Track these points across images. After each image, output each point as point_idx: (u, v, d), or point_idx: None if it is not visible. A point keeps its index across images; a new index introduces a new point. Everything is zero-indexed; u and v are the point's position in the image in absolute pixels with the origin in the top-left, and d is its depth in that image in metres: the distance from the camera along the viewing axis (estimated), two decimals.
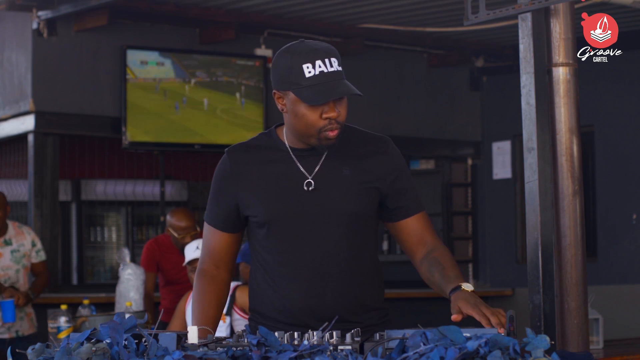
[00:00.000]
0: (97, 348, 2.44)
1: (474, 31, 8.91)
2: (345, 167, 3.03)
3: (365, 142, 3.09)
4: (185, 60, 8.63)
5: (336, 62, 2.92)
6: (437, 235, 3.12)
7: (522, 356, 2.35)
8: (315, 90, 2.88)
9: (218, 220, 3.12)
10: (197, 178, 10.25)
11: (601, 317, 5.83)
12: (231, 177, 3.08)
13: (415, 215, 3.08)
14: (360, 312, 3.03)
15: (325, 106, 2.91)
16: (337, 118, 2.93)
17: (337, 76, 2.91)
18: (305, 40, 2.98)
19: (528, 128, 4.01)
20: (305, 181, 3.01)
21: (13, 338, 6.40)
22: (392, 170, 3.06)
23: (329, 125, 2.92)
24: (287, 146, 3.04)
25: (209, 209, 3.15)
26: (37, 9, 8.08)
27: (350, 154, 3.05)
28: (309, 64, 2.89)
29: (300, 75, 2.89)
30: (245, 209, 3.06)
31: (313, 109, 2.91)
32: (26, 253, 6.54)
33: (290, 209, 3.00)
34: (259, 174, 3.05)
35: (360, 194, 3.02)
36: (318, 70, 2.89)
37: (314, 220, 3.00)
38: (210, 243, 3.14)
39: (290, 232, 3.02)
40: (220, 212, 3.11)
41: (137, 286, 6.44)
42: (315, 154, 3.02)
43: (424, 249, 3.06)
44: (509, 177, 9.87)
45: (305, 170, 3.02)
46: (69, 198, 10.33)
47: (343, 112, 2.95)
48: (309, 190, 3.00)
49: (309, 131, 2.95)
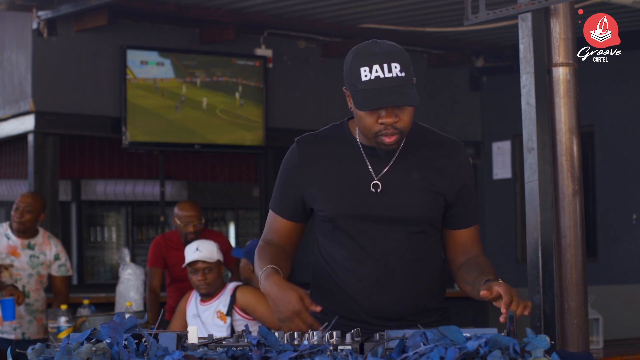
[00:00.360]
0: (97, 348, 2.44)
1: (474, 31, 8.90)
2: (415, 170, 2.99)
3: (439, 145, 3.04)
4: (185, 61, 8.62)
5: (398, 67, 2.84)
6: (480, 245, 3.11)
7: (522, 356, 2.35)
8: (366, 95, 2.84)
9: (283, 209, 3.09)
10: (197, 178, 10.25)
11: (601, 317, 5.83)
12: (299, 169, 3.04)
13: (469, 228, 3.07)
14: (420, 312, 3.02)
15: (381, 111, 2.86)
16: (395, 124, 2.87)
17: (394, 82, 2.83)
18: (378, 41, 2.92)
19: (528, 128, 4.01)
20: (372, 183, 2.98)
21: (19, 340, 6.41)
22: (461, 179, 3.03)
23: (384, 131, 2.88)
24: (358, 142, 3.01)
25: (274, 196, 3.11)
26: (37, 9, 8.08)
27: (422, 156, 3.01)
28: (366, 67, 2.84)
29: (357, 78, 2.86)
30: (311, 201, 3.04)
31: (369, 113, 2.87)
32: (45, 262, 6.57)
33: (356, 210, 2.98)
34: (327, 168, 3.01)
35: (427, 200, 2.99)
36: (374, 75, 2.83)
37: (379, 222, 2.98)
38: (273, 229, 3.11)
39: (355, 231, 2.99)
40: (286, 201, 3.08)
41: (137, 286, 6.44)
42: (387, 154, 2.97)
43: (465, 257, 3.06)
44: (509, 177, 9.87)
45: (374, 170, 2.99)
46: (69, 198, 10.33)
47: (404, 118, 2.89)
48: (376, 192, 2.98)
49: (366, 134, 2.92)
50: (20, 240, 6.55)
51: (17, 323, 6.39)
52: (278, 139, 9.05)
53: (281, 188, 3.09)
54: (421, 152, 3.02)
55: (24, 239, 6.56)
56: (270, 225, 3.11)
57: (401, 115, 2.88)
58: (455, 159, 3.04)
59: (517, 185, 9.73)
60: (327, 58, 9.25)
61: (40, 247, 6.59)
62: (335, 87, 9.28)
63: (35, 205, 6.60)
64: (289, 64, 9.16)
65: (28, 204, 6.58)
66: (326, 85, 9.26)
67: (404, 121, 2.88)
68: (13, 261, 6.48)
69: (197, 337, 2.59)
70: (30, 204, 6.59)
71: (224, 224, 11.22)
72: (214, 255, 5.73)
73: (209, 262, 5.69)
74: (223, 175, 10.31)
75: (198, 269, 5.68)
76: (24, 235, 6.57)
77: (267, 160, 9.26)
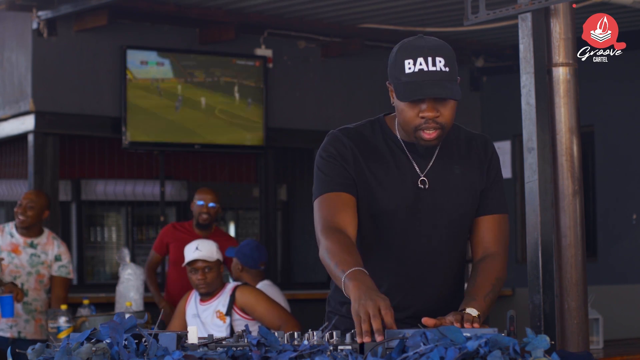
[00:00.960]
0: (97, 348, 2.44)
1: (474, 31, 8.90)
2: (456, 165, 3.00)
3: (471, 140, 3.06)
4: (185, 61, 8.62)
5: (442, 62, 2.84)
6: (501, 241, 3.04)
7: (522, 356, 2.35)
8: (409, 87, 2.84)
9: (345, 185, 2.93)
10: (197, 178, 10.25)
11: (601, 317, 5.83)
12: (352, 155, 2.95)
13: (488, 216, 3.04)
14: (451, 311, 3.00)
15: (422, 104, 2.85)
16: (436, 118, 2.86)
17: (437, 76, 2.83)
18: (424, 36, 2.92)
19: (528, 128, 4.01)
20: (420, 179, 2.97)
21: (15, 338, 6.40)
22: (491, 171, 3.04)
23: (424, 124, 2.86)
24: (399, 138, 3.00)
25: (328, 180, 2.94)
26: (37, 9, 8.08)
27: (459, 152, 3.02)
28: (410, 59, 2.84)
29: (401, 70, 2.86)
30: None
31: (411, 106, 2.86)
32: (46, 262, 6.56)
33: (402, 206, 2.96)
34: (373, 162, 2.97)
35: (469, 195, 3.01)
36: (418, 68, 2.83)
37: (423, 218, 2.97)
38: (339, 209, 2.91)
39: (400, 227, 2.97)
40: (346, 179, 2.94)
41: (137, 286, 6.45)
42: (427, 150, 2.97)
43: (480, 253, 3.03)
44: (509, 177, 9.86)
45: (418, 166, 2.98)
46: (69, 198, 10.33)
47: (446, 113, 2.87)
48: (424, 188, 2.97)
49: (406, 128, 2.91)
50: (23, 239, 6.55)
51: (13, 321, 6.39)
52: (278, 139, 9.05)
53: (336, 170, 2.94)
54: (457, 147, 3.03)
55: (27, 237, 6.56)
56: (334, 207, 2.91)
57: (442, 110, 2.87)
58: (486, 153, 3.05)
59: (517, 185, 9.73)
60: (327, 58, 9.25)
61: (43, 247, 6.59)
62: (335, 87, 9.29)
63: (38, 202, 6.60)
64: (289, 64, 9.16)
65: (30, 200, 6.59)
66: (326, 85, 9.25)
67: (445, 116, 2.87)
68: (13, 258, 6.48)
69: (197, 337, 2.59)
70: (32, 200, 6.60)
71: (224, 224, 11.22)
72: (213, 255, 5.73)
73: (209, 261, 5.69)
74: (223, 175, 10.32)
75: (198, 268, 5.69)
76: (28, 234, 6.57)
77: (267, 160, 9.26)
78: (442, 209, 2.98)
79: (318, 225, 2.90)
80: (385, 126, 3.03)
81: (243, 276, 6.35)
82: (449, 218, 2.99)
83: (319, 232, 2.89)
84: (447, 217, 2.99)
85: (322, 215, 2.91)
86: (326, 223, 2.88)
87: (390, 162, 2.98)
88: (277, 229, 9.78)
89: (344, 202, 2.92)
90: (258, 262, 6.37)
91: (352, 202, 2.93)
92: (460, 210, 3.00)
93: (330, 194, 2.92)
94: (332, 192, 2.92)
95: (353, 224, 2.91)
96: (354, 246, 2.84)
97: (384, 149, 2.99)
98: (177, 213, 10.62)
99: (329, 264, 2.78)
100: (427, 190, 2.97)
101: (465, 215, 3.02)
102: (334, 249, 2.79)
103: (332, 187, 2.93)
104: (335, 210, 2.90)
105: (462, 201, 3.00)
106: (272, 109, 8.97)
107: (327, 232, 2.85)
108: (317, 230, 2.90)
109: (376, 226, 2.98)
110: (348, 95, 9.24)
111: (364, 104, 9.07)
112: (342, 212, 2.90)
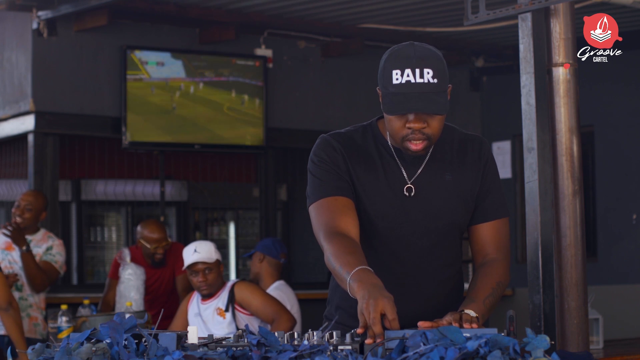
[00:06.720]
0: (97, 348, 2.44)
1: (474, 31, 8.90)
2: (447, 172, 2.96)
3: (465, 144, 3.01)
4: (185, 61, 8.62)
5: (430, 74, 2.79)
6: (502, 247, 3.01)
7: (522, 356, 2.35)
8: (395, 99, 2.80)
9: (341, 189, 2.91)
10: (197, 178, 10.25)
11: (601, 317, 5.82)
12: (344, 159, 2.94)
13: (487, 223, 3.00)
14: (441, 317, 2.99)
15: (409, 115, 2.82)
16: (423, 129, 2.83)
17: (424, 88, 2.78)
18: (415, 43, 2.89)
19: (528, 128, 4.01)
20: (406, 187, 2.94)
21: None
22: (486, 175, 3.01)
23: (411, 135, 2.83)
24: (389, 144, 2.97)
25: (324, 185, 2.93)
26: (37, 9, 8.08)
27: (451, 158, 2.98)
28: (398, 70, 2.80)
29: (388, 80, 2.82)
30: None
31: (397, 116, 2.83)
32: (38, 254, 6.55)
33: (388, 213, 2.93)
34: (358, 168, 2.95)
35: (460, 203, 2.97)
36: (405, 79, 2.79)
37: (410, 225, 2.94)
38: (339, 211, 2.88)
39: (387, 233, 2.95)
40: (342, 182, 2.92)
41: (137, 286, 6.45)
42: (414, 158, 2.93)
43: (482, 258, 3.00)
44: (509, 177, 9.85)
45: (407, 172, 2.95)
46: (69, 198, 10.32)
47: (434, 124, 2.83)
48: (410, 195, 2.93)
49: (394, 137, 2.89)
50: None
51: None
52: (278, 139, 9.05)
53: (331, 174, 2.93)
54: (450, 152, 2.98)
55: None
56: (334, 211, 2.88)
57: (430, 121, 2.83)
58: (480, 157, 3.00)
59: (517, 185, 9.72)
60: (327, 58, 9.25)
61: (37, 243, 6.58)
62: (335, 87, 9.29)
63: (36, 203, 6.60)
64: (289, 64, 9.16)
65: (29, 202, 6.59)
66: (326, 85, 9.25)
67: (432, 127, 2.84)
68: (7, 255, 6.47)
69: (197, 337, 2.59)
70: (31, 202, 6.59)
71: (224, 224, 11.22)
72: (212, 256, 5.73)
73: (209, 262, 5.69)
74: (223, 175, 10.32)
75: (198, 271, 5.69)
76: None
77: (267, 160, 9.26)
78: (430, 216, 2.94)
79: (320, 232, 2.89)
80: (377, 131, 3.00)
81: (262, 268, 6.36)
82: (438, 224, 2.95)
83: (321, 238, 2.88)
84: (436, 223, 2.95)
85: (323, 221, 2.90)
86: (328, 228, 2.87)
87: (379, 168, 2.95)
88: (277, 229, 9.78)
89: (344, 205, 2.91)
90: (280, 252, 6.39)
91: (351, 205, 2.92)
92: (450, 217, 2.96)
93: (328, 199, 2.91)
94: (329, 197, 2.91)
95: (355, 226, 2.90)
96: (357, 247, 2.82)
97: (374, 154, 2.97)
98: (177, 213, 10.62)
99: (334, 267, 2.78)
100: (413, 197, 2.93)
101: (457, 221, 2.98)
102: (338, 253, 2.78)
103: (328, 191, 2.92)
104: (336, 215, 2.89)
105: (452, 208, 2.96)
106: (272, 109, 8.97)
107: (330, 237, 2.84)
108: (319, 236, 2.89)
109: (364, 232, 2.95)
110: (348, 95, 9.24)
111: (364, 104, 9.07)
112: (343, 215, 2.89)
